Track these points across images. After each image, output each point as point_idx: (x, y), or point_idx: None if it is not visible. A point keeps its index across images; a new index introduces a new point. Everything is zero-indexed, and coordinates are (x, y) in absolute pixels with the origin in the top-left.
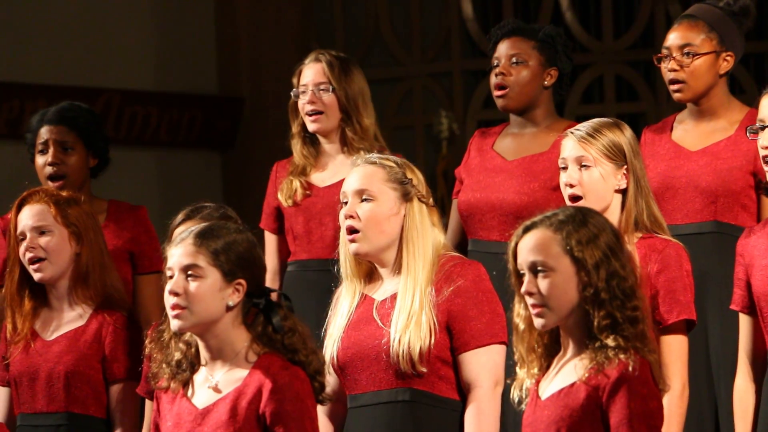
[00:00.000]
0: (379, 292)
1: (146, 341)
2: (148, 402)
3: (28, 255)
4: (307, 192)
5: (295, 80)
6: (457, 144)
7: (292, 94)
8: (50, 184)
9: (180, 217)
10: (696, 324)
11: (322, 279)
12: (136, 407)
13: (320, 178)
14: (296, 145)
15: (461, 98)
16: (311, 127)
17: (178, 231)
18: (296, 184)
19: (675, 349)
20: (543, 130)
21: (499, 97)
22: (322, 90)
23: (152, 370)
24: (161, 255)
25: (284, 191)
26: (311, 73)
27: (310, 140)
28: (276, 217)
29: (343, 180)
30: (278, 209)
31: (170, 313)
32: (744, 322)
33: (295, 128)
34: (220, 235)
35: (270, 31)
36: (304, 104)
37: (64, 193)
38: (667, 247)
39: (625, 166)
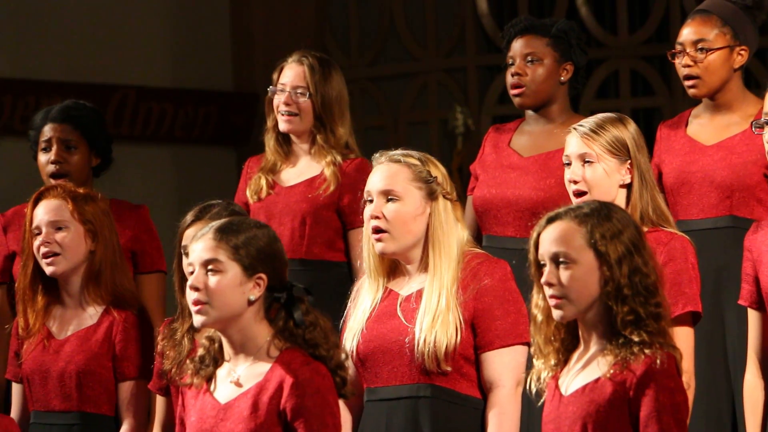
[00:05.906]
0: (405, 288)
1: (158, 338)
2: (159, 398)
3: (43, 249)
4: (271, 191)
5: (275, 76)
6: (472, 139)
7: (269, 90)
8: (52, 182)
9: (189, 218)
10: (701, 317)
11: None
12: (145, 406)
13: (286, 177)
14: (269, 140)
15: (476, 94)
16: (283, 126)
17: (188, 232)
18: (263, 181)
19: (681, 341)
20: (558, 126)
21: (516, 96)
22: (300, 93)
23: (164, 367)
24: (163, 254)
25: (252, 187)
26: (291, 74)
27: (284, 137)
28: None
29: (305, 181)
30: (246, 205)
31: (192, 308)
32: (753, 317)
33: (269, 122)
34: (240, 230)
35: (285, 27)
36: (279, 103)
37: (81, 190)
38: (673, 239)
39: (629, 161)
